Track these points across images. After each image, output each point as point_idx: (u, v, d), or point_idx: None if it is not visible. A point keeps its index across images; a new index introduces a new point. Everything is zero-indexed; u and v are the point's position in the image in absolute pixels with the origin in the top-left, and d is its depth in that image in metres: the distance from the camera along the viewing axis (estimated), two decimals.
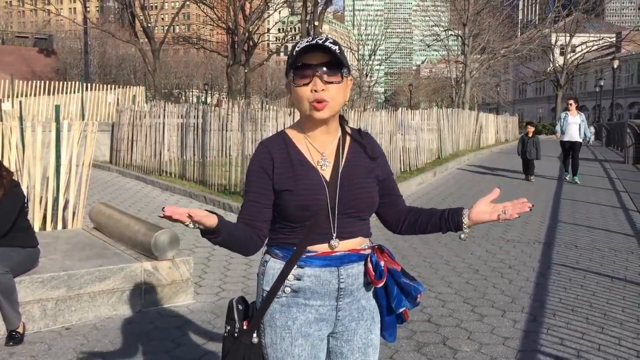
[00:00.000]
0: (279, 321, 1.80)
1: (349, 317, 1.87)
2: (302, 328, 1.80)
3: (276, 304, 1.81)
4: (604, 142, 30.74)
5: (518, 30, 61.63)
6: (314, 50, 1.73)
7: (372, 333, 1.92)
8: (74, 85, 19.80)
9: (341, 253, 1.81)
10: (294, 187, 1.78)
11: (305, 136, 1.86)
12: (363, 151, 1.91)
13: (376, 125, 11.83)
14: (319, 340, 1.84)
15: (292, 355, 1.79)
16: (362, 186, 1.85)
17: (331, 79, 1.76)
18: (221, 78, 59.28)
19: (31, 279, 4.15)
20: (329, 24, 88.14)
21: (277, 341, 1.80)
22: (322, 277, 1.80)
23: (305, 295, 1.80)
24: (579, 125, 12.67)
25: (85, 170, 6.39)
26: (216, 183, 10.74)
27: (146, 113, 13.76)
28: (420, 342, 4.06)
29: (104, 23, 58.21)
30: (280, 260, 1.82)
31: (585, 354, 3.85)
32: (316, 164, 1.83)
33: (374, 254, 1.85)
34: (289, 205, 1.78)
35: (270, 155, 1.82)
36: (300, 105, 1.78)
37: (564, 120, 12.82)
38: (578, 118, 12.74)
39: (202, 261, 6.14)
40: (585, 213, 9.36)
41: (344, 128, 1.92)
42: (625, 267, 6.10)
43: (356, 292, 1.86)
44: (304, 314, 1.81)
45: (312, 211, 1.77)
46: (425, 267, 6.02)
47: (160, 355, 3.80)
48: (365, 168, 1.89)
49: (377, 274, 1.82)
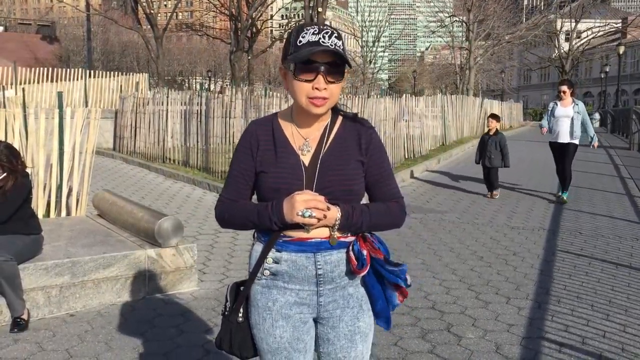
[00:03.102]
0: (260, 302, 1.86)
1: (333, 304, 1.87)
2: (282, 310, 1.84)
3: (258, 286, 1.87)
4: (609, 128, 30.57)
5: (523, 16, 61.20)
6: (323, 50, 1.72)
7: (360, 320, 1.90)
8: (77, 73, 19.75)
9: (317, 240, 1.80)
10: (270, 170, 1.82)
11: (292, 121, 1.88)
12: (352, 138, 1.88)
13: (380, 112, 11.77)
14: (301, 323, 1.86)
15: (274, 336, 1.84)
16: (342, 173, 1.82)
17: (334, 78, 1.76)
18: (224, 65, 59.11)
19: (35, 266, 4.15)
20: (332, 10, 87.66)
21: (259, 321, 1.86)
22: (299, 262, 1.82)
23: (283, 278, 1.84)
24: (571, 120, 8.74)
25: (88, 158, 6.37)
26: (219, 170, 10.73)
27: (149, 100, 13.74)
28: (424, 328, 4.05)
29: (107, 10, 57.94)
30: (262, 244, 1.86)
31: (590, 340, 3.84)
32: (298, 148, 1.84)
33: (356, 242, 1.83)
34: (262, 187, 1.84)
35: (257, 136, 1.87)
36: (298, 98, 1.78)
37: (551, 112, 9.04)
38: (571, 109, 8.80)
39: (206, 248, 6.14)
40: (589, 200, 9.33)
41: (335, 114, 1.90)
42: (630, 254, 6.08)
43: (338, 279, 1.85)
44: (284, 296, 1.84)
45: (282, 194, 1.77)
46: (430, 254, 6.01)
47: (164, 341, 3.80)
48: (350, 155, 1.85)
49: (360, 263, 1.81)
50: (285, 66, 1.80)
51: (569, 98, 8.93)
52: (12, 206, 4.12)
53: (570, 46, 54.05)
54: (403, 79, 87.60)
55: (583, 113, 8.85)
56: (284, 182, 1.79)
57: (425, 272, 5.39)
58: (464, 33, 42.56)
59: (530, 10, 72.29)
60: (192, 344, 3.78)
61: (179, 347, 3.73)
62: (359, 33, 56.50)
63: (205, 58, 68.56)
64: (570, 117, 8.76)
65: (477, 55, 40.32)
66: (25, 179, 4.28)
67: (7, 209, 4.09)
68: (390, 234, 6.73)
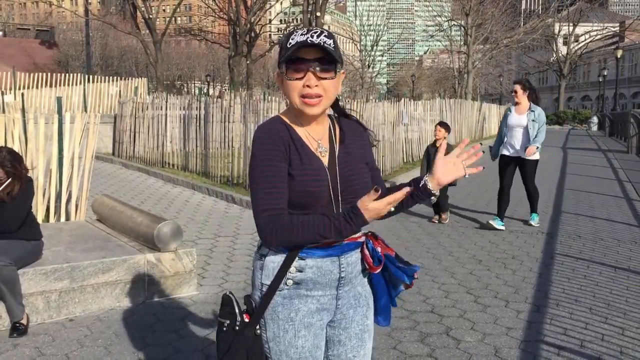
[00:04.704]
0: (282, 314, 1.78)
1: (347, 305, 1.88)
2: (305, 319, 1.79)
3: (278, 297, 1.78)
4: (607, 132, 30.62)
5: (521, 20, 61.32)
6: (310, 45, 1.72)
7: (368, 319, 1.93)
8: (76, 77, 19.78)
9: (342, 242, 1.81)
10: (298, 172, 1.74)
11: (298, 123, 1.84)
12: (353, 138, 1.91)
13: (379, 116, 11.79)
14: (320, 330, 1.84)
15: (296, 347, 1.79)
16: (359, 172, 1.86)
17: (325, 74, 1.75)
18: (223, 69, 59.14)
19: (35, 271, 4.15)
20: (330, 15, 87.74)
21: (280, 334, 1.78)
22: (324, 267, 1.80)
23: (307, 286, 1.79)
24: (525, 129, 7.27)
25: (87, 162, 6.38)
26: (219, 174, 10.75)
27: (148, 105, 13.76)
28: (423, 332, 4.06)
29: (106, 15, 58.07)
30: (281, 253, 1.78)
31: (589, 344, 3.85)
32: (315, 150, 1.82)
33: (369, 241, 1.86)
34: (292, 191, 1.74)
35: (280, 137, 1.76)
36: (292, 99, 1.77)
37: (504, 121, 7.54)
38: (524, 118, 7.29)
39: (205, 252, 6.15)
40: (588, 203, 9.34)
41: (331, 116, 1.93)
42: (628, 257, 6.09)
43: (354, 280, 1.88)
44: (306, 305, 1.80)
45: (315, 197, 1.75)
46: (429, 258, 6.02)
47: (164, 346, 3.81)
48: (358, 154, 1.90)
49: (376, 260, 1.82)
50: (279, 71, 1.81)
51: (525, 102, 7.37)
52: (23, 211, 4.14)
53: (568, 50, 54.22)
54: (402, 83, 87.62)
55: (540, 122, 7.26)
56: (316, 184, 1.75)
57: (424, 275, 5.40)
58: (462, 37, 42.65)
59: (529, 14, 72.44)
60: (192, 349, 3.78)
61: (178, 351, 3.73)
62: (357, 37, 56.65)
63: (204, 62, 68.63)
64: (524, 125, 7.28)
65: (475, 59, 40.41)
66: (31, 183, 4.29)
67: (18, 214, 4.10)
68: (389, 238, 6.74)
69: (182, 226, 4.98)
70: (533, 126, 7.23)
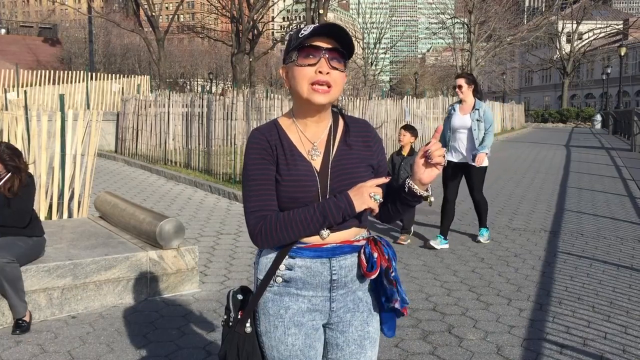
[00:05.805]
0: (272, 310, 1.80)
1: (344, 309, 1.85)
2: (295, 317, 1.79)
3: (269, 293, 1.80)
4: (611, 130, 30.54)
5: (524, 17, 61.19)
6: (326, 34, 1.73)
7: (369, 325, 1.89)
8: (79, 75, 19.80)
9: (332, 245, 1.78)
10: (284, 178, 1.76)
11: (297, 125, 1.83)
12: (357, 139, 1.87)
13: (381, 114, 11.79)
14: (312, 330, 1.82)
15: (286, 344, 1.79)
16: (354, 176, 1.80)
17: (336, 65, 1.74)
18: (226, 67, 59.20)
19: (37, 268, 4.16)
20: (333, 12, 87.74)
21: (270, 329, 1.80)
22: (313, 268, 1.78)
23: (297, 285, 1.79)
24: (469, 131, 6.25)
25: (90, 160, 6.39)
26: (221, 172, 10.75)
27: (151, 102, 13.78)
28: (425, 330, 4.05)
29: (109, 12, 58.11)
30: (274, 251, 1.80)
31: (592, 342, 3.84)
32: (307, 153, 1.80)
33: (367, 245, 1.82)
34: (278, 196, 1.77)
35: (268, 142, 1.79)
36: (300, 87, 1.75)
37: (447, 122, 6.46)
38: (468, 118, 6.26)
39: (208, 250, 6.15)
40: (591, 201, 9.32)
41: (336, 116, 1.89)
42: (631, 255, 6.08)
43: (351, 284, 1.84)
44: (297, 303, 1.80)
45: (301, 203, 1.75)
46: (431, 256, 6.01)
47: (166, 343, 3.81)
48: (359, 157, 1.85)
49: (370, 266, 1.79)
50: (287, 59, 1.79)
51: (470, 100, 6.27)
52: (29, 205, 4.16)
53: (572, 47, 54.05)
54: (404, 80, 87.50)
55: (487, 121, 6.23)
56: (301, 190, 1.76)
57: (427, 273, 5.39)
58: (466, 35, 42.55)
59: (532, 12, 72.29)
60: (194, 346, 3.78)
61: (180, 348, 3.74)
62: (360, 35, 56.56)
63: (207, 60, 68.61)
64: (468, 127, 6.24)
65: (478, 56, 40.33)
66: (31, 179, 4.30)
67: (26, 208, 4.12)
68: (391, 236, 6.74)
69: (185, 224, 4.98)
70: (479, 127, 6.20)
